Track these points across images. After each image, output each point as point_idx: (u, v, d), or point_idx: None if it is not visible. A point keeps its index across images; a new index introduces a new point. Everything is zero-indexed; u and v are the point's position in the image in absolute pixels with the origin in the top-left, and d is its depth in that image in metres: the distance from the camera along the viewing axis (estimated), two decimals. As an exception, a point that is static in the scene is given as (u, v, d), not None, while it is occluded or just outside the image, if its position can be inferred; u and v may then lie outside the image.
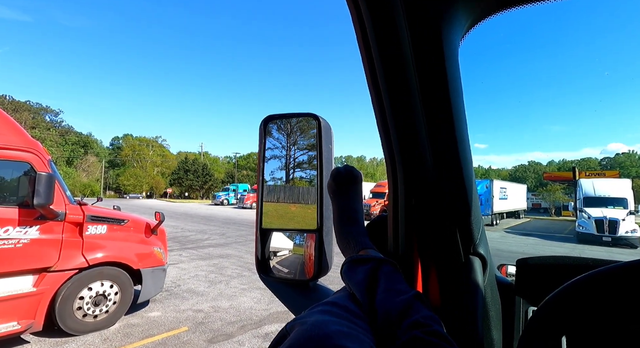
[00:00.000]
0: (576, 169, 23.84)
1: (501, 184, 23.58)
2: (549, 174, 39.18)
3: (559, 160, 69.76)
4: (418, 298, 0.49)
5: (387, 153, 0.66)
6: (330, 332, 0.36)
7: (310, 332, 0.36)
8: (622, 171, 41.36)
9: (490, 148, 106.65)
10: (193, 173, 54.95)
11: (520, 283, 0.63)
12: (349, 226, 0.67)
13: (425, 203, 0.63)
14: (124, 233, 4.38)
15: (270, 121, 0.92)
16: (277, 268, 0.98)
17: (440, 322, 0.47)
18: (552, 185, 34.21)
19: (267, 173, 0.93)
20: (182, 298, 5.33)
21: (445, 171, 0.60)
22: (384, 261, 0.57)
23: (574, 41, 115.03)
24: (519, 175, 61.08)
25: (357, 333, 0.39)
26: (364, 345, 0.36)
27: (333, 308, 0.47)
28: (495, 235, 15.66)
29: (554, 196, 33.23)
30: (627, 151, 62.06)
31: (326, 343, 0.34)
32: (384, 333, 0.46)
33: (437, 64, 0.53)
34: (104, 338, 3.79)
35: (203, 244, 10.61)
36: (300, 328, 0.37)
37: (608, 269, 0.35)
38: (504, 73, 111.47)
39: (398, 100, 0.58)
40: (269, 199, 0.93)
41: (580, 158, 70.54)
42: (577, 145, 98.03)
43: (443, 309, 0.61)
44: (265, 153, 0.93)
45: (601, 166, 56.35)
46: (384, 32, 0.52)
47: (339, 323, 0.39)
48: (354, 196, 0.70)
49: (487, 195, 20.50)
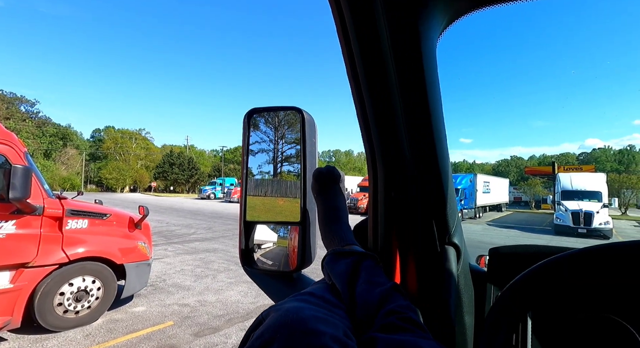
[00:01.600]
0: (555, 164, 24.72)
1: (485, 178, 24.20)
2: (530, 168, 40.42)
3: (539, 155, 72.02)
4: (395, 288, 0.52)
5: (368, 148, 0.68)
6: (304, 316, 0.37)
7: (285, 317, 0.37)
8: (598, 166, 43.15)
9: (475, 143, 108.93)
10: (178, 166, 53.88)
11: (491, 271, 0.66)
12: (333, 224, 0.69)
13: (404, 195, 0.65)
14: (107, 228, 4.28)
15: (254, 114, 0.92)
16: (262, 260, 0.99)
17: (416, 310, 0.49)
18: (533, 179, 35.37)
19: (254, 166, 0.94)
20: (168, 292, 5.28)
21: (423, 166, 0.62)
22: (366, 255, 0.59)
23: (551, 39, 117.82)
24: (502, 169, 62.78)
25: (332, 318, 0.40)
26: (338, 329, 0.37)
27: (310, 297, 0.48)
28: (478, 228, 16.13)
29: (534, 190, 34.40)
30: (603, 146, 64.66)
31: (300, 327, 0.35)
32: (362, 321, 0.47)
33: (415, 61, 0.54)
34: (86, 334, 3.72)
35: (189, 238, 10.49)
36: (275, 314, 0.38)
37: (563, 255, 0.38)
38: (487, 70, 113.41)
39: (378, 96, 0.59)
40: (256, 193, 0.93)
41: (559, 153, 73.02)
42: (556, 140, 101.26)
43: (420, 296, 0.63)
44: (249, 146, 0.93)
45: (579, 161, 58.58)
46: (363, 29, 0.53)
47: (314, 310, 0.40)
48: (336, 195, 0.72)
49: (471, 189, 21.01)
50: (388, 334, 0.41)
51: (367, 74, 0.58)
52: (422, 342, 0.38)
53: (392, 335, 0.41)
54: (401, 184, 0.65)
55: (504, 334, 0.36)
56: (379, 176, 0.67)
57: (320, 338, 0.34)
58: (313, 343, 0.34)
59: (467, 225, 16.93)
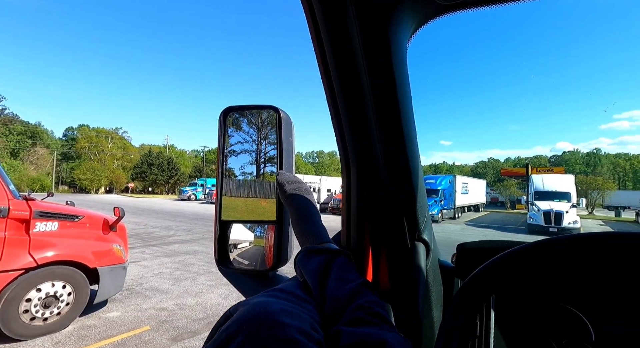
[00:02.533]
0: (529, 166, 25.85)
1: (463, 179, 24.95)
2: (505, 170, 42.07)
3: (514, 157, 75.19)
4: (365, 285, 0.53)
5: (342, 149, 0.69)
6: (271, 309, 0.37)
7: (251, 311, 0.37)
8: (567, 168, 45.45)
9: (454, 145, 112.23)
10: (157, 166, 52.31)
11: (458, 266, 0.69)
12: (306, 223, 0.69)
13: (376, 194, 0.66)
14: (79, 230, 4.09)
15: (230, 112, 0.91)
16: (238, 260, 0.98)
17: (383, 305, 0.51)
18: (508, 180, 36.82)
19: (236, 167, 0.93)
20: (145, 296, 5.11)
21: (394, 166, 0.64)
22: (338, 252, 0.60)
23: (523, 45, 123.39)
24: (480, 171, 64.99)
25: (299, 311, 0.41)
26: (304, 322, 0.38)
27: (279, 293, 0.48)
28: (457, 228, 16.60)
29: (510, 190, 35.81)
30: (572, 149, 68.31)
31: (266, 320, 0.35)
32: (331, 316, 0.48)
33: (385, 65, 0.56)
34: (55, 342, 3.54)
35: (168, 240, 10.20)
36: (243, 308, 0.38)
37: (519, 248, 0.40)
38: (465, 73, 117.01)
39: (351, 100, 0.61)
40: (239, 194, 0.92)
41: (532, 155, 76.52)
42: (530, 143, 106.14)
43: (391, 291, 0.65)
44: (225, 145, 0.92)
45: (550, 163, 61.50)
46: (335, 34, 0.54)
47: (282, 304, 0.41)
48: (304, 196, 0.72)
49: (451, 190, 21.60)
50: (354, 327, 0.42)
51: (340, 78, 0.59)
52: (385, 334, 0.40)
53: (357, 328, 0.42)
54: (373, 184, 0.66)
55: (464, 317, 0.38)
56: (351, 177, 0.68)
57: (285, 330, 0.35)
58: (278, 335, 0.34)
59: (447, 225, 17.39)
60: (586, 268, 0.49)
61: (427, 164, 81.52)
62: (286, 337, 0.34)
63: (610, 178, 45.35)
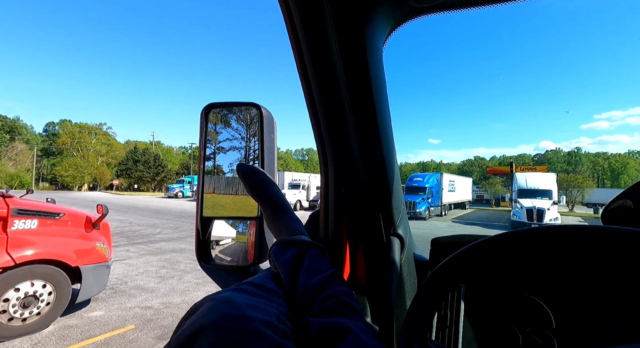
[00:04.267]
0: (513, 164, 26.46)
1: (450, 177, 25.38)
2: (491, 168, 43.00)
3: (500, 156, 76.96)
4: (334, 275, 0.54)
5: (320, 147, 0.70)
6: (236, 304, 0.38)
7: (216, 307, 0.37)
8: (550, 166, 46.83)
9: (442, 144, 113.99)
10: (143, 163, 51.19)
11: (432, 259, 0.72)
12: (280, 216, 0.70)
13: (353, 191, 0.68)
14: (60, 228, 3.99)
15: (212, 109, 0.91)
16: (220, 256, 0.98)
17: (352, 294, 0.52)
18: (494, 178, 37.67)
19: (225, 164, 0.93)
20: (129, 295, 5.03)
21: (371, 163, 0.66)
22: (311, 244, 0.61)
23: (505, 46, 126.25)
24: (467, 169, 66.22)
25: (265, 305, 0.41)
26: (270, 314, 0.39)
27: (248, 287, 0.49)
28: (443, 225, 16.89)
29: (495, 188, 36.66)
30: (555, 148, 70.41)
31: (231, 314, 0.36)
32: (301, 307, 0.50)
33: (361, 65, 0.57)
34: (35, 343, 3.45)
35: (154, 239, 10.03)
36: (208, 304, 0.39)
37: (483, 240, 0.42)
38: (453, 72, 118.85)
39: (328, 100, 0.62)
40: (227, 191, 0.92)
41: (517, 154, 78.50)
42: (515, 142, 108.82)
43: (367, 284, 0.67)
44: (206, 142, 0.92)
45: (534, 162, 63.22)
46: (312, 35, 0.55)
47: (247, 298, 0.42)
48: (272, 188, 0.72)
49: (438, 188, 21.94)
50: (322, 318, 0.44)
51: (317, 78, 0.60)
52: (350, 322, 0.41)
53: (325, 319, 0.43)
54: (350, 181, 0.68)
55: (432, 301, 0.40)
56: (329, 174, 0.70)
57: (250, 324, 0.36)
58: (243, 328, 0.35)
59: (433, 222, 17.67)
60: (544, 259, 0.52)
61: (416, 162, 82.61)
62: (251, 330, 0.35)
63: (590, 176, 47.00)
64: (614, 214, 0.62)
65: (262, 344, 0.34)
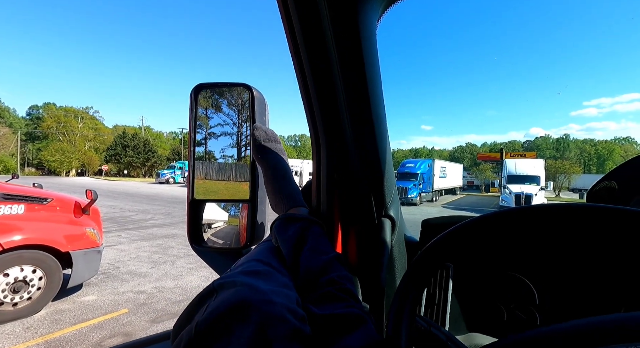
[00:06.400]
0: (503, 151, 26.84)
1: (442, 163, 25.62)
2: (481, 154, 43.55)
3: (491, 142, 77.83)
4: (337, 258, 0.55)
5: (312, 128, 0.69)
6: (261, 289, 0.39)
7: (242, 291, 0.38)
8: (539, 153, 47.62)
9: (435, 130, 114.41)
10: (133, 148, 50.21)
11: (422, 240, 0.73)
12: (280, 183, 0.69)
13: (345, 173, 0.67)
14: (48, 213, 3.92)
15: (202, 89, 0.89)
16: (212, 239, 0.98)
17: (353, 280, 0.53)
18: (484, 165, 38.18)
19: (217, 150, 0.91)
20: (122, 280, 5.04)
21: (363, 145, 0.65)
22: (314, 222, 0.61)
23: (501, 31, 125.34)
24: (458, 155, 66.85)
25: (286, 289, 0.43)
26: (291, 300, 0.40)
27: (258, 266, 0.49)
28: (434, 210, 17.20)
29: (485, 174, 37.24)
30: (544, 134, 71.41)
31: (257, 298, 0.37)
32: (303, 287, 0.50)
33: (354, 43, 0.55)
34: (27, 327, 3.46)
35: (146, 224, 9.98)
36: (233, 288, 0.39)
37: (470, 220, 0.43)
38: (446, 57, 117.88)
39: (320, 80, 0.60)
40: (219, 177, 0.91)
41: (507, 141, 79.46)
42: (505, 129, 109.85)
43: (359, 264, 0.68)
44: (196, 123, 0.90)
45: (523, 148, 64.14)
46: (304, 11, 0.53)
47: (269, 283, 0.43)
48: (280, 154, 0.72)
49: (429, 173, 22.17)
50: (325, 304, 0.45)
51: (309, 57, 0.58)
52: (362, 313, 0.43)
53: (324, 307, 0.44)
54: (342, 163, 0.67)
55: (420, 279, 0.41)
56: (322, 156, 0.69)
57: (275, 308, 0.37)
58: (270, 312, 0.36)
59: (425, 208, 17.97)
60: (529, 237, 0.54)
61: (408, 149, 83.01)
62: (276, 315, 0.36)
63: (577, 163, 48.06)
64: (599, 195, 0.63)
65: (284, 327, 0.36)
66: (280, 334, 0.35)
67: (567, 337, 0.27)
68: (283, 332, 0.36)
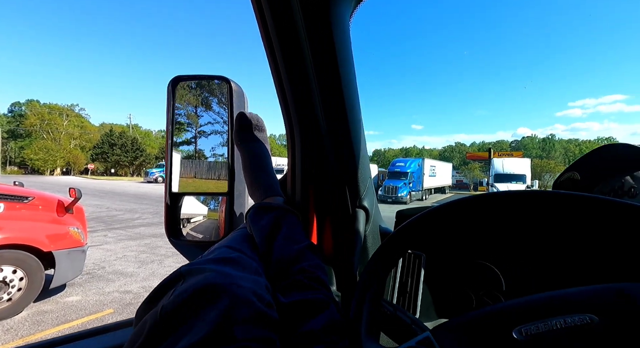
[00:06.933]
0: (491, 150, 27.31)
1: (431, 162, 25.92)
2: (470, 154, 44.25)
3: (479, 142, 79.06)
4: (310, 248, 0.55)
5: (286, 119, 0.69)
6: (229, 274, 0.40)
7: (211, 276, 0.39)
8: (526, 152, 48.65)
9: (425, 130, 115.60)
10: (120, 147, 49.19)
11: None
12: (258, 172, 0.69)
13: (320, 164, 0.68)
14: (30, 212, 3.82)
15: (180, 82, 0.88)
16: (192, 234, 0.97)
17: (325, 269, 0.53)
18: (473, 164, 38.82)
19: (207, 148, 0.90)
20: (107, 280, 4.95)
21: (337, 136, 0.66)
22: (290, 211, 0.61)
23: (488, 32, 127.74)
24: (447, 155, 67.71)
25: (255, 275, 0.44)
26: (259, 285, 0.41)
27: (228, 253, 0.50)
28: (423, 208, 17.32)
29: (473, 173, 37.89)
30: (531, 134, 73.00)
31: (225, 282, 0.38)
32: (275, 275, 0.51)
33: (327, 40, 0.56)
34: (7, 329, 3.37)
35: (133, 224, 9.81)
36: (202, 274, 0.40)
37: (432, 208, 0.44)
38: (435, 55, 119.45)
39: (293, 72, 0.61)
40: (209, 176, 0.90)
41: (495, 140, 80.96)
42: (494, 128, 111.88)
43: (334, 254, 0.69)
44: (174, 116, 0.89)
45: (511, 148, 65.41)
46: (277, 8, 0.53)
47: (237, 268, 0.44)
48: (260, 142, 0.72)
49: (419, 172, 22.42)
50: (291, 293, 0.46)
51: (282, 50, 0.59)
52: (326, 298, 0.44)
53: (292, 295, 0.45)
54: (316, 154, 0.68)
55: (383, 266, 0.42)
56: (296, 147, 0.69)
57: (240, 291, 0.38)
58: (236, 294, 0.37)
59: (414, 206, 18.10)
60: (490, 223, 0.55)
61: (399, 148, 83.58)
62: (241, 297, 0.37)
63: (562, 162, 49.25)
64: (564, 185, 0.65)
65: (249, 310, 0.36)
66: (245, 316, 0.36)
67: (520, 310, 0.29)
68: (248, 314, 0.36)
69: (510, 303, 0.33)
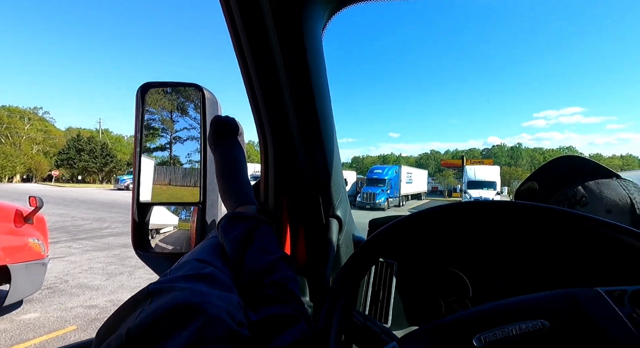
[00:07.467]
0: (464, 158, 28.48)
1: (408, 169, 26.60)
2: (445, 161, 45.90)
3: (453, 149, 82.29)
4: (283, 258, 0.54)
5: (259, 128, 0.69)
6: (200, 292, 0.39)
7: (183, 295, 0.38)
8: (496, 160, 51.14)
9: (402, 137, 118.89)
10: (89, 153, 46.70)
11: None
12: (231, 179, 0.67)
13: (293, 173, 0.68)
14: (-18, 223, 3.52)
15: (149, 89, 0.86)
16: (161, 245, 0.93)
17: (297, 281, 0.53)
18: (447, 171, 40.28)
19: (182, 155, 0.88)
20: (70, 294, 4.63)
21: (310, 146, 0.66)
22: (264, 221, 0.60)
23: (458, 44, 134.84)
24: (423, 162, 69.83)
25: (227, 293, 0.43)
26: (232, 303, 0.40)
27: (200, 268, 0.48)
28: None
29: (448, 180, 39.30)
30: (500, 143, 76.95)
31: (196, 300, 0.37)
32: (246, 287, 0.49)
33: (299, 50, 0.56)
34: (-47, 352, 3.06)
35: (101, 233, 9.29)
36: (170, 293, 0.38)
37: (401, 218, 0.45)
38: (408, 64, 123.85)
39: (266, 82, 0.61)
40: (184, 183, 0.88)
41: (468, 148, 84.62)
42: (466, 137, 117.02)
43: (307, 264, 0.68)
44: (142, 122, 0.86)
45: (482, 156, 68.58)
46: (249, 19, 0.54)
47: (210, 286, 0.42)
48: (236, 147, 0.70)
49: (396, 179, 22.91)
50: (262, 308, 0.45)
51: (254, 61, 0.59)
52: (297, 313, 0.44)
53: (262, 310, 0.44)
54: (289, 164, 0.68)
55: (353, 275, 0.42)
56: (269, 156, 0.69)
57: (213, 309, 0.37)
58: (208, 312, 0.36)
59: (391, 212, 18.48)
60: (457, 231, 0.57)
61: (377, 155, 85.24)
62: (213, 316, 0.36)
63: (528, 169, 52.15)
64: (524, 195, 0.69)
65: (221, 329, 0.35)
66: (217, 335, 0.35)
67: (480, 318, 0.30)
68: (220, 333, 0.35)
69: (472, 311, 0.34)
